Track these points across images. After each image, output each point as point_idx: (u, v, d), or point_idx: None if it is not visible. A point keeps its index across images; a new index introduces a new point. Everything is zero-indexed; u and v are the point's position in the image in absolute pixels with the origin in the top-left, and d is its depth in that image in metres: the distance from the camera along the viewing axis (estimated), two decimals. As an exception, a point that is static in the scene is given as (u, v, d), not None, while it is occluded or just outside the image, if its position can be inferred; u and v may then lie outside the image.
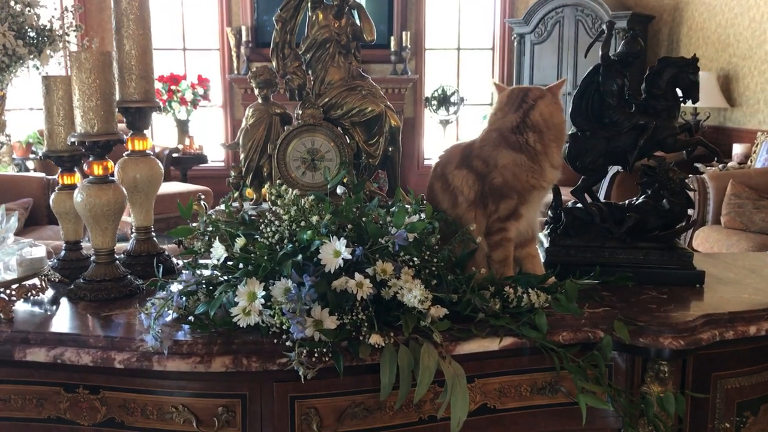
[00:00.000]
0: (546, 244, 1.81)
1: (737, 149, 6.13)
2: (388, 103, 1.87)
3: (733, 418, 1.57)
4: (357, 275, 1.35)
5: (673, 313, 1.52)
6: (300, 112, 1.85)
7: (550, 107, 1.57)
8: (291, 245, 1.42)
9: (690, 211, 1.80)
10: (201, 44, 8.80)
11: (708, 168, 5.77)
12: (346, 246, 1.36)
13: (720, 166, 5.81)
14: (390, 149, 1.89)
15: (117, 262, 1.68)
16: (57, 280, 1.69)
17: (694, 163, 5.82)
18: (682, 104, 1.78)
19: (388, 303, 1.39)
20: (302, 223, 1.42)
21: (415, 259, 1.38)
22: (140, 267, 1.79)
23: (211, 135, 8.63)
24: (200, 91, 8.14)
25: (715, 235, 4.99)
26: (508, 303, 1.47)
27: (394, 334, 1.35)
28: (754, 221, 5.04)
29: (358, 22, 1.88)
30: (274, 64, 1.90)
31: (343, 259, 1.35)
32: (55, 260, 1.80)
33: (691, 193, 1.77)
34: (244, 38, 8.26)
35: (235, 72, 8.41)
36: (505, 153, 1.56)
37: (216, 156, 8.61)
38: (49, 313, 1.56)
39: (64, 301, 1.63)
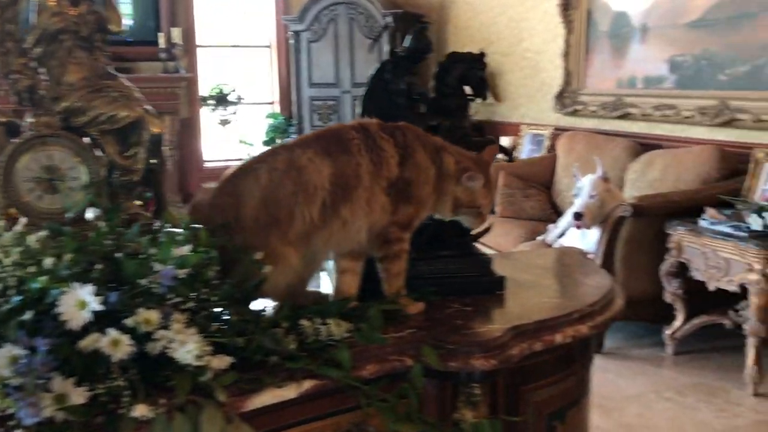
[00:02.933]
0: (341, 261, 1.62)
1: (504, 142, 6.48)
2: (148, 106, 1.55)
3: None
4: (111, 330, 1.05)
5: (481, 329, 1.40)
6: (33, 120, 1.47)
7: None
8: (20, 298, 1.08)
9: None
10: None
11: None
12: (97, 293, 1.07)
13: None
14: (153, 162, 1.57)
15: None
16: None
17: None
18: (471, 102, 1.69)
19: (158, 359, 1.11)
20: (33, 268, 1.09)
21: (191, 303, 1.12)
22: None
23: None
24: None
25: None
26: (305, 338, 1.27)
27: (167, 398, 1.07)
28: (524, 209, 5.37)
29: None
30: (-8, 61, 1.50)
31: (92, 311, 1.05)
32: None
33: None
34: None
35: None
36: (421, 151, 1.36)
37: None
38: None
39: None
